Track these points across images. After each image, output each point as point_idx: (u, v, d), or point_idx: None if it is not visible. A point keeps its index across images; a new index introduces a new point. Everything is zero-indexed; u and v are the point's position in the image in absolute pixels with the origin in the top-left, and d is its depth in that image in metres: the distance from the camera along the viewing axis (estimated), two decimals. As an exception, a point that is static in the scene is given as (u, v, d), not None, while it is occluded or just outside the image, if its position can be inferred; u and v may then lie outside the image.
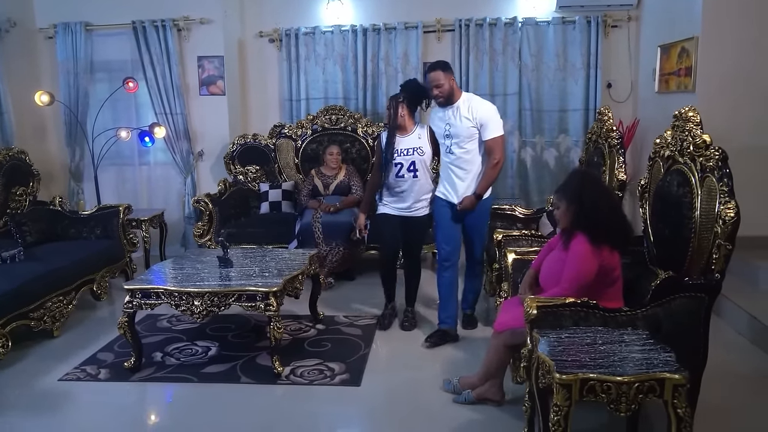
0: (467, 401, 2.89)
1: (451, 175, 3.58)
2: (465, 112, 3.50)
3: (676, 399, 1.95)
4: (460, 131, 3.50)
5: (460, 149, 3.52)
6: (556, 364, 2.01)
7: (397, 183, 3.71)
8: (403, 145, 3.69)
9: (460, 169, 3.55)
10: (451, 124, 3.53)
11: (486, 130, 3.48)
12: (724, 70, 4.33)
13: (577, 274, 2.51)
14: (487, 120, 3.48)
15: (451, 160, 3.57)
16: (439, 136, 3.64)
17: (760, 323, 3.47)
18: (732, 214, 2.27)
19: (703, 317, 2.39)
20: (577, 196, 2.60)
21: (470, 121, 3.48)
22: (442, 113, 3.61)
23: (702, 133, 2.50)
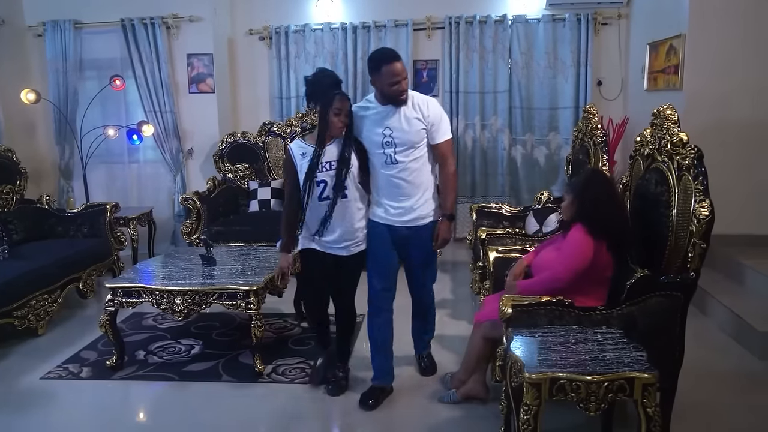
0: (452, 401, 2.89)
1: (395, 191, 2.82)
2: (413, 112, 2.79)
3: (646, 398, 1.95)
4: (408, 136, 2.76)
5: (406, 158, 2.77)
6: (527, 364, 2.01)
7: (320, 208, 2.81)
8: (327, 157, 2.77)
9: (406, 182, 2.81)
10: (393, 128, 2.75)
11: (438, 131, 2.81)
12: (712, 68, 4.32)
13: (572, 258, 2.50)
14: (438, 119, 2.81)
15: (393, 172, 2.79)
16: (373, 144, 2.80)
17: (744, 321, 3.47)
18: (706, 213, 2.26)
19: (679, 316, 2.39)
20: (581, 189, 2.62)
21: (421, 122, 2.78)
22: (377, 115, 2.80)
23: (679, 131, 2.48)
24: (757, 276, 3.87)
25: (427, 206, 2.88)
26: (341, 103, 2.71)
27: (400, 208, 2.84)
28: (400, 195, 2.83)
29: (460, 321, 3.98)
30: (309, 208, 2.82)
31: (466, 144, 5.83)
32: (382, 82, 2.70)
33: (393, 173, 2.80)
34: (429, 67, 5.90)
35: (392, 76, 2.67)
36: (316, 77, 2.77)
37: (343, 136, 2.78)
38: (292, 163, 2.85)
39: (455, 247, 5.82)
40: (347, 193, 2.78)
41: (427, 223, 2.90)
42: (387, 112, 2.77)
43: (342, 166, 2.74)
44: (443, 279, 4.94)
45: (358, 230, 2.88)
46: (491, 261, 3.17)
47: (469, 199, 5.79)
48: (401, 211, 2.84)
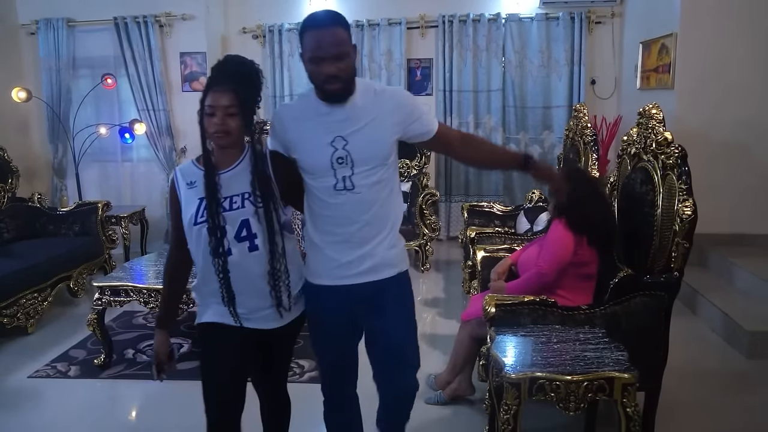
0: (439, 402, 2.88)
1: (347, 232, 1.84)
2: (377, 107, 1.82)
3: (626, 398, 1.95)
4: (373, 148, 1.81)
5: (368, 179, 1.81)
6: (507, 363, 2.00)
7: (218, 270, 1.81)
8: (230, 187, 1.80)
9: (366, 218, 1.83)
10: (347, 137, 1.78)
11: (422, 119, 1.90)
12: (703, 67, 4.31)
13: (553, 253, 2.53)
14: (413, 104, 1.90)
15: (347, 204, 1.82)
16: (316, 164, 1.81)
17: (732, 321, 3.46)
18: (689, 212, 2.26)
19: (663, 315, 2.39)
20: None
21: (396, 120, 1.84)
22: (320, 118, 1.80)
23: (664, 130, 2.48)
24: (746, 275, 3.87)
25: (397, 249, 1.91)
26: (215, 99, 1.74)
27: (355, 257, 1.84)
28: (357, 237, 1.83)
29: (451, 320, 3.98)
30: (201, 266, 1.84)
31: (460, 143, 5.81)
32: (305, 61, 1.75)
33: (346, 205, 1.81)
34: (423, 65, 5.89)
35: (310, 50, 1.70)
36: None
37: (249, 151, 1.81)
38: (175, 195, 1.86)
39: (449, 246, 5.83)
40: (257, 244, 1.78)
41: (399, 273, 1.90)
42: (337, 113, 1.77)
43: (268, 200, 1.79)
44: (435, 277, 4.95)
45: (278, 297, 1.85)
46: (479, 260, 3.17)
47: (463, 198, 5.79)
48: (357, 261, 1.84)
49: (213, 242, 1.75)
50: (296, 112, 1.86)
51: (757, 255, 4.11)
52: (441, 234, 5.89)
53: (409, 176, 5.38)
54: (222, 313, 1.84)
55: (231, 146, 1.80)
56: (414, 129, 1.88)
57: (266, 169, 1.82)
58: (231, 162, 1.82)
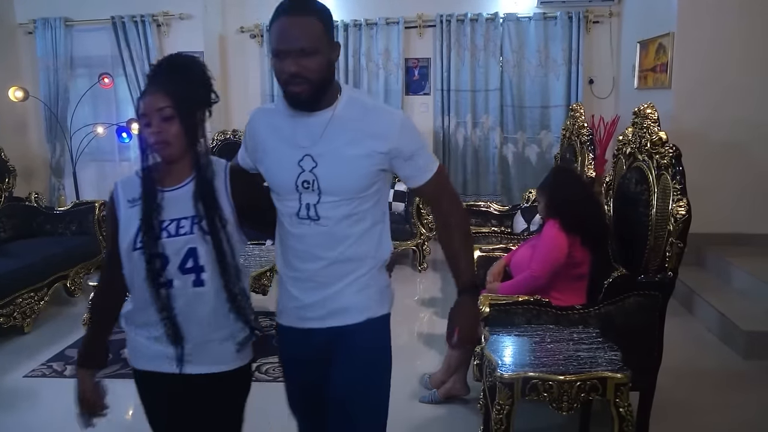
0: (433, 401, 2.88)
1: (308, 269, 1.56)
2: (360, 128, 1.50)
3: (619, 398, 1.95)
4: (346, 176, 1.50)
5: (336, 212, 1.51)
6: (500, 363, 2.00)
7: (159, 300, 1.51)
8: (172, 210, 1.52)
9: (332, 257, 1.54)
10: (318, 157, 1.49)
11: (417, 165, 1.55)
12: (700, 67, 4.31)
13: (547, 255, 2.53)
14: (414, 145, 1.54)
15: (310, 236, 1.53)
16: (281, 183, 1.53)
17: (729, 321, 3.46)
18: (683, 212, 2.26)
19: (657, 315, 2.38)
20: (551, 187, 2.64)
21: (379, 148, 1.50)
22: (287, 129, 1.53)
23: (659, 130, 2.48)
24: (743, 275, 3.87)
25: (370, 290, 1.57)
26: (147, 104, 1.46)
27: (318, 299, 1.55)
28: (321, 277, 1.54)
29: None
30: (137, 295, 1.53)
31: (458, 142, 5.82)
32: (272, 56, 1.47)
33: (309, 237, 1.51)
34: (420, 65, 5.88)
35: (274, 42, 1.43)
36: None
37: (197, 163, 1.50)
38: (113, 211, 1.56)
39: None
40: (204, 279, 1.49)
41: (368, 319, 1.57)
42: (311, 124, 1.47)
43: (218, 226, 1.48)
44: (432, 277, 4.94)
45: (227, 343, 1.56)
46: (474, 260, 3.16)
47: (461, 197, 5.75)
48: (319, 303, 1.55)
49: (151, 273, 1.46)
50: (270, 117, 1.56)
51: (755, 255, 4.11)
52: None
53: (407, 176, 5.37)
54: (156, 356, 1.54)
55: (177, 159, 1.50)
56: (402, 169, 1.53)
57: (214, 189, 1.50)
58: (180, 179, 1.52)
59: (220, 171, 1.55)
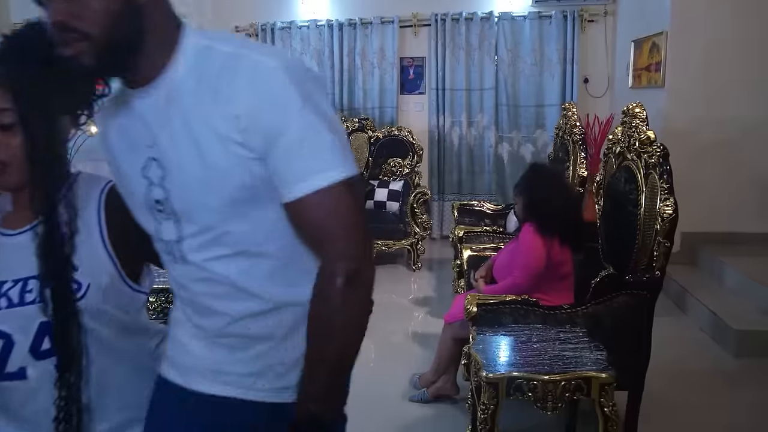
0: (423, 400, 2.88)
1: (216, 327, 1.02)
2: (213, 96, 0.89)
3: (603, 398, 1.95)
4: (199, 181, 0.92)
5: (206, 253, 0.97)
6: (485, 363, 2.00)
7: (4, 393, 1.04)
8: (11, 269, 1.04)
9: (237, 311, 1.00)
10: (162, 156, 0.95)
11: (280, 159, 0.89)
12: (693, 66, 4.30)
13: (526, 262, 2.52)
14: (284, 117, 0.87)
15: (183, 275, 1.02)
16: (134, 201, 1.03)
17: (721, 320, 3.46)
18: (670, 212, 2.26)
19: (645, 315, 2.38)
20: (527, 188, 2.63)
21: (233, 127, 0.88)
22: (128, 117, 0.99)
23: (647, 129, 2.47)
24: (736, 274, 3.87)
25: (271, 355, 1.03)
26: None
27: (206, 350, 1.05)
28: (228, 333, 1.03)
29: (440, 319, 3.90)
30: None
31: (453, 142, 5.82)
32: None
33: (193, 285, 1.02)
34: (415, 64, 5.88)
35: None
36: None
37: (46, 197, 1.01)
38: None
39: (441, 244, 5.82)
40: (27, 372, 1.03)
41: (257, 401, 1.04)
42: (139, 107, 0.97)
43: (61, 302, 1.01)
44: (427, 276, 4.94)
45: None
46: (465, 259, 3.17)
47: (456, 197, 5.78)
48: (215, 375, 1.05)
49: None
50: (117, 108, 1.02)
51: (748, 254, 4.11)
52: (434, 233, 5.90)
53: (402, 175, 5.38)
54: None
55: (21, 188, 1.02)
56: (270, 163, 0.90)
57: (65, 233, 1.00)
58: (27, 218, 1.03)
59: (91, 200, 1.06)
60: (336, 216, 0.89)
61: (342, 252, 0.90)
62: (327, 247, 0.91)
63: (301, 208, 0.90)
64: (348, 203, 0.90)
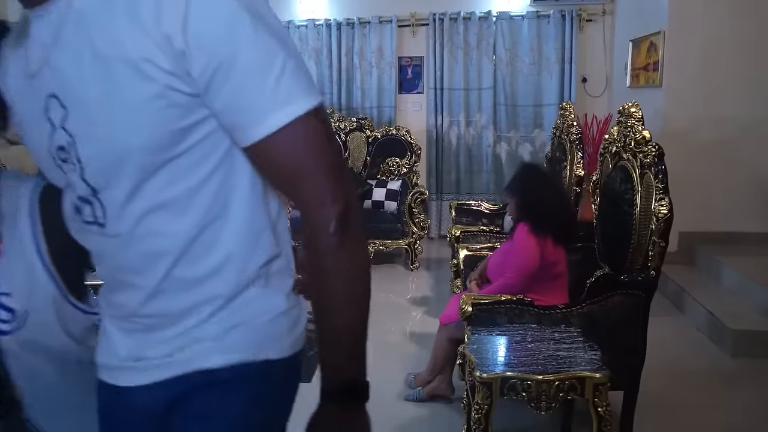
0: (418, 399, 2.88)
1: (133, 309, 0.86)
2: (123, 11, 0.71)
3: (597, 398, 1.94)
4: (109, 128, 0.74)
5: (131, 209, 0.79)
6: (479, 363, 2.00)
7: None
8: None
9: (151, 283, 0.83)
10: (64, 94, 0.77)
11: (236, 90, 0.73)
12: (691, 65, 4.29)
13: (519, 263, 2.52)
14: (236, 35, 0.71)
15: (99, 244, 0.85)
16: (36, 153, 0.86)
17: (718, 320, 3.45)
18: (665, 211, 2.25)
19: (640, 314, 2.38)
20: (520, 189, 2.63)
21: (155, 50, 0.70)
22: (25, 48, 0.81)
23: (643, 128, 2.47)
24: (733, 274, 3.86)
25: (229, 331, 0.87)
26: None
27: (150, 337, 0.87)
28: (141, 318, 0.87)
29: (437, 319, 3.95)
30: None
31: (451, 141, 5.82)
32: None
33: (106, 255, 0.86)
34: (414, 63, 5.88)
35: None
36: None
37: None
38: None
39: (440, 244, 5.82)
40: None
41: (225, 367, 0.88)
42: (35, 31, 0.79)
43: None
44: (425, 276, 4.94)
45: None
46: (461, 258, 3.16)
47: (454, 196, 5.78)
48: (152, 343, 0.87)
49: None
50: (13, 37, 0.87)
51: (746, 254, 4.10)
52: (432, 232, 5.90)
53: (400, 174, 5.37)
54: None
55: None
56: (217, 103, 0.75)
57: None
58: None
59: (20, 203, 0.88)
60: (313, 152, 0.77)
61: (327, 193, 0.78)
62: (308, 190, 0.79)
63: (269, 148, 0.76)
64: (322, 136, 0.78)
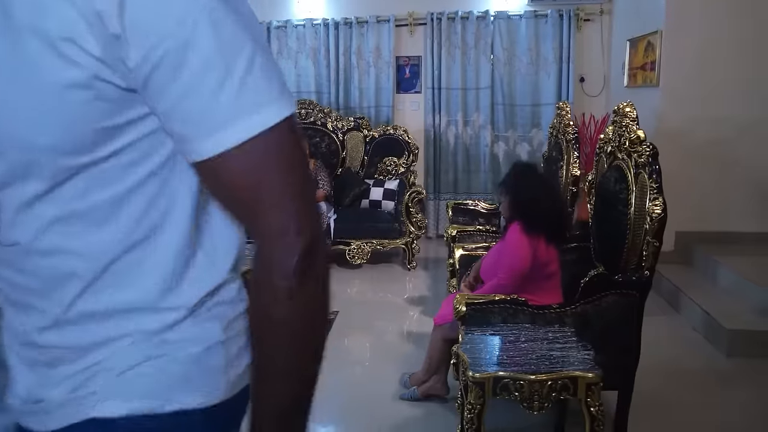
0: (413, 398, 2.88)
1: (26, 333, 0.70)
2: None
3: (590, 397, 1.94)
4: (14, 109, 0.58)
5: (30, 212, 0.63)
6: (472, 362, 2.00)
7: None
8: None
9: (56, 311, 0.67)
10: None
11: (199, 85, 0.58)
12: (688, 65, 4.29)
13: (511, 263, 2.51)
14: (184, 28, 0.56)
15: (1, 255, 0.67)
16: None
17: (714, 320, 3.45)
18: (659, 211, 2.25)
19: (635, 314, 2.38)
20: (514, 188, 2.63)
21: (80, 30, 0.55)
22: None
23: (637, 128, 2.47)
24: (729, 274, 3.86)
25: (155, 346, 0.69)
26: None
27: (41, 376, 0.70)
28: (42, 350, 0.69)
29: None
30: None
31: (449, 140, 5.82)
32: None
33: (8, 261, 0.67)
34: (411, 63, 5.88)
35: None
36: None
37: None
38: None
39: (438, 243, 5.81)
40: None
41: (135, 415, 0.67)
42: None
43: None
44: (422, 275, 4.94)
45: None
46: (457, 258, 3.16)
47: (452, 196, 5.78)
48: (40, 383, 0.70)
49: None
50: None
51: (742, 253, 4.10)
52: (430, 232, 5.91)
53: (397, 174, 5.38)
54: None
55: None
56: (163, 106, 0.60)
57: None
58: None
59: None
60: (279, 173, 0.62)
61: (292, 222, 0.62)
62: (268, 218, 0.62)
63: (225, 166, 0.61)
64: (292, 152, 0.63)
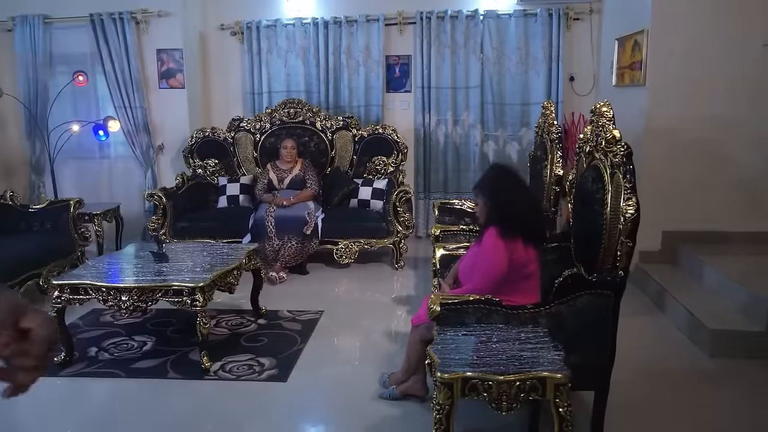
0: (391, 397, 2.88)
1: None
2: None
3: (558, 398, 1.93)
4: None
5: None
6: (441, 363, 1.99)
7: None
8: None
9: None
10: None
11: None
12: (674, 64, 4.28)
13: (486, 269, 2.51)
14: None
15: None
16: None
17: (697, 320, 3.45)
18: (632, 211, 2.25)
19: (609, 315, 2.37)
20: (491, 190, 2.62)
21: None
22: None
23: (613, 128, 2.46)
24: (714, 273, 3.85)
25: None
26: None
27: None
28: None
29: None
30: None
31: (438, 140, 5.81)
32: None
33: None
34: (401, 62, 5.86)
35: None
36: None
37: None
38: None
39: (426, 243, 5.80)
40: None
41: None
42: None
43: None
44: (410, 275, 4.93)
45: None
46: (438, 258, 3.16)
47: (442, 195, 5.77)
48: None
49: None
50: None
51: (728, 253, 4.09)
52: (420, 231, 5.90)
53: (386, 173, 5.37)
54: None
55: None
56: None
57: None
58: None
59: None
60: None
61: None
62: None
63: None
64: None
